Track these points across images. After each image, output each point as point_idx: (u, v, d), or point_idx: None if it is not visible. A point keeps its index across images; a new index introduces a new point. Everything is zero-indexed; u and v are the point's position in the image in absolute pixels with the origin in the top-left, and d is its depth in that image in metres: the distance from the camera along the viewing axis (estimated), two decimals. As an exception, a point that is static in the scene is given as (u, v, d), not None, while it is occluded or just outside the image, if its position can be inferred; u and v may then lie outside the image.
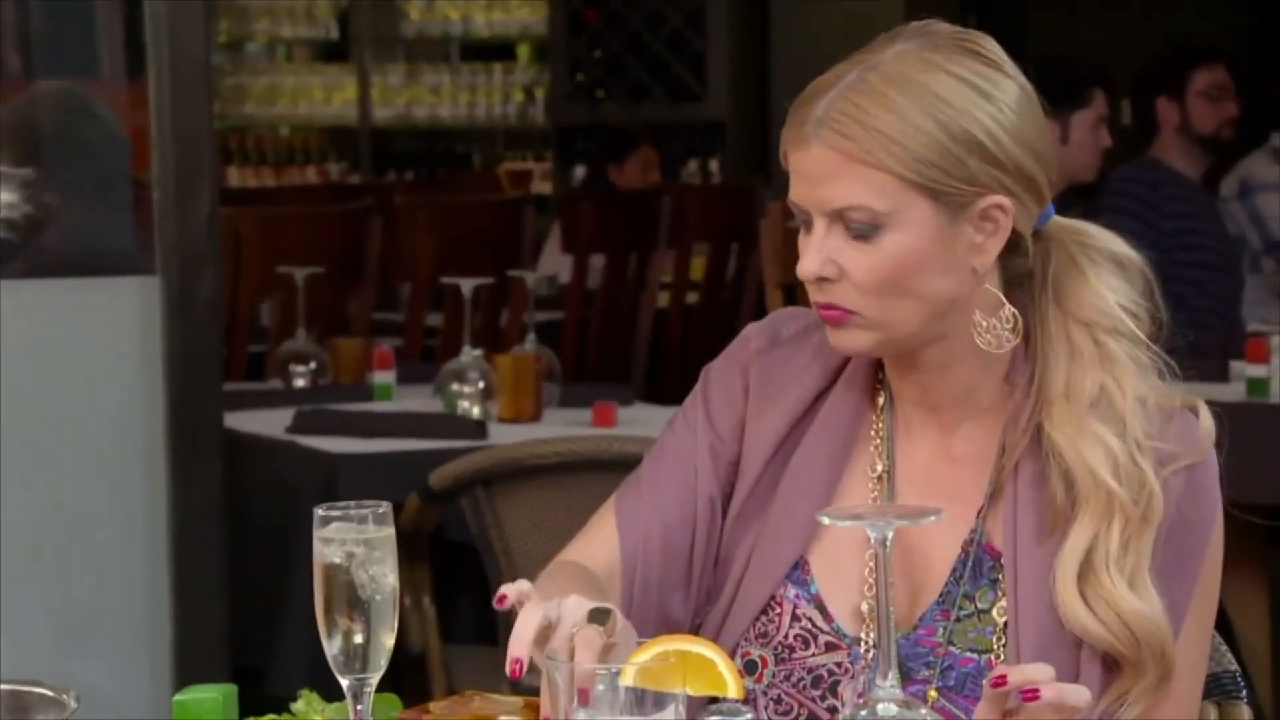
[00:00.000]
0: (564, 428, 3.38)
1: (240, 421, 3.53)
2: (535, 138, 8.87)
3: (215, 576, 3.29)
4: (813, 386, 1.69)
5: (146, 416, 3.26)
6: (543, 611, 1.48)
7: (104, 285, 3.30)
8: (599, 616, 1.47)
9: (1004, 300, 1.62)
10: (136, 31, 3.33)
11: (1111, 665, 1.59)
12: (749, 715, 1.39)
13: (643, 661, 1.38)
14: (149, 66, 3.26)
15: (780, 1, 7.71)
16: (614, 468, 2.75)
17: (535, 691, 1.68)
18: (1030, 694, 1.42)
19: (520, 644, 1.47)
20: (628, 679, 1.35)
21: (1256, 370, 3.64)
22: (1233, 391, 3.67)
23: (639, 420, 3.51)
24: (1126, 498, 1.58)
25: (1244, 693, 1.77)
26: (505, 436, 3.29)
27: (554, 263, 5.74)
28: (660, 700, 1.34)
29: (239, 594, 3.34)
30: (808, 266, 1.60)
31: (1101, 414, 1.60)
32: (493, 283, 4.14)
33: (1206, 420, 1.63)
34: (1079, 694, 1.44)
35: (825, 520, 1.38)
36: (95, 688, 1.51)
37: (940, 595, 1.63)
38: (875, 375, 1.69)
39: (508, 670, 1.48)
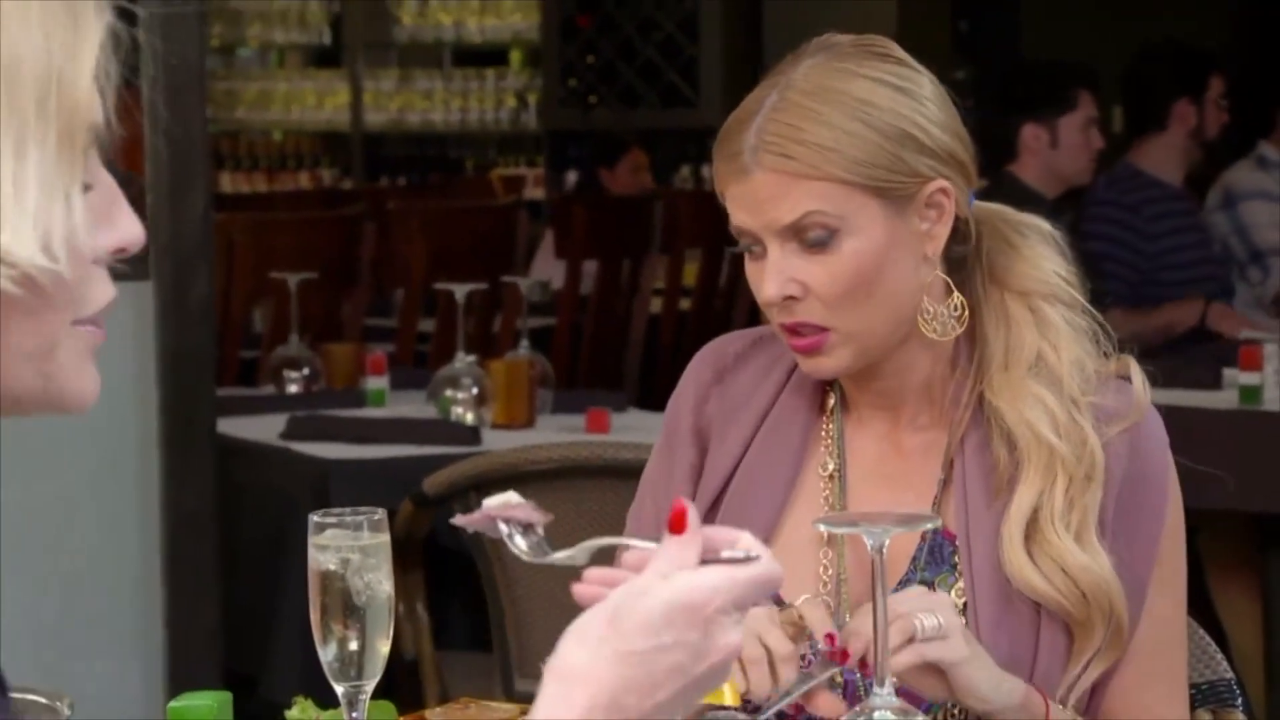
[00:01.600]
0: (557, 434, 3.38)
1: (233, 427, 3.52)
2: (528, 143, 8.86)
3: (208, 581, 3.28)
4: (764, 400, 1.72)
5: (140, 419, 3.26)
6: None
7: (97, 290, 3.29)
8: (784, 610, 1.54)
9: (953, 287, 1.65)
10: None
11: (1072, 635, 1.60)
12: (744, 723, 1.39)
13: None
14: (142, 70, 3.25)
15: (773, 6, 7.72)
16: (608, 474, 2.75)
17: (529, 699, 1.67)
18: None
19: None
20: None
21: (1249, 378, 3.63)
22: (1225, 399, 3.67)
23: (632, 426, 3.51)
24: (1069, 454, 1.61)
25: (1239, 700, 1.77)
26: (499, 442, 3.28)
27: (547, 269, 5.74)
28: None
29: (231, 600, 3.33)
30: (769, 290, 1.62)
31: (1039, 376, 1.64)
32: (486, 288, 4.14)
33: (1139, 380, 1.66)
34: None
35: (822, 528, 1.38)
36: (86, 693, 1.50)
37: (899, 585, 1.63)
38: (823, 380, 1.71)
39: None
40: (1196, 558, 3.17)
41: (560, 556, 1.19)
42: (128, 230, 0.97)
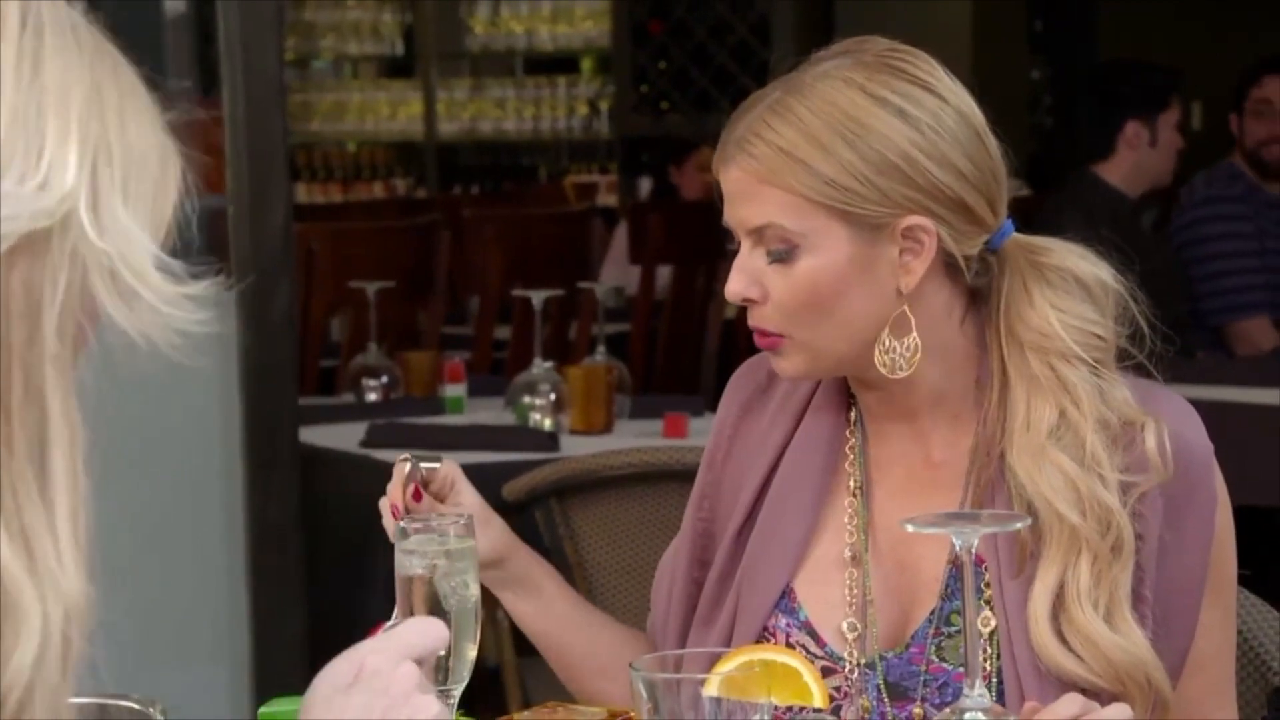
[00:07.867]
0: (636, 439, 3.38)
1: (314, 435, 3.54)
2: (600, 150, 8.89)
3: (293, 588, 3.31)
4: (789, 420, 1.69)
5: (223, 430, 3.29)
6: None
7: (179, 300, 3.32)
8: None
9: (913, 328, 1.58)
10: (206, 48, 3.35)
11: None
12: (833, 725, 1.39)
13: (727, 671, 1.38)
14: (223, 83, 3.28)
15: (845, 10, 7.70)
16: (686, 478, 2.72)
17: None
18: None
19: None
20: (712, 688, 1.35)
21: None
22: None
23: (710, 431, 3.50)
24: (1092, 532, 1.53)
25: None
26: (577, 448, 3.29)
27: (616, 273, 5.75)
28: (745, 710, 1.34)
29: (315, 607, 3.35)
30: (732, 287, 1.60)
31: (1062, 441, 1.56)
32: (562, 295, 4.15)
33: (1153, 442, 1.56)
34: (1119, 713, 1.41)
35: (910, 528, 1.37)
36: (175, 700, 1.52)
37: (931, 613, 1.60)
38: (847, 391, 1.68)
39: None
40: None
41: None
42: None
